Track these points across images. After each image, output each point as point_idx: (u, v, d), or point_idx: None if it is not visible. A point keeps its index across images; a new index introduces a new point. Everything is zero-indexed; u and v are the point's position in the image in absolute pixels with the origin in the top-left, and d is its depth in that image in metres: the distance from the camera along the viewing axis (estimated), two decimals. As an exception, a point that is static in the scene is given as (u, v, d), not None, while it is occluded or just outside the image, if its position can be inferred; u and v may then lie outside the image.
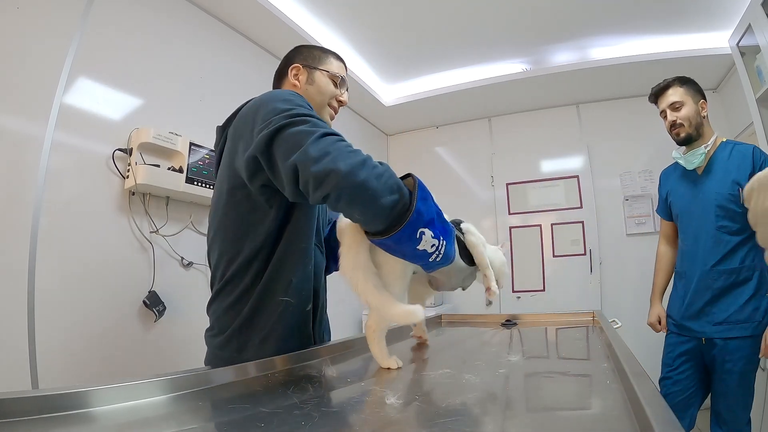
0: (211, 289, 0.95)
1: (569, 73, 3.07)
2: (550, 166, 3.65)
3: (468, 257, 0.88)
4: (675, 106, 1.67)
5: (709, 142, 1.67)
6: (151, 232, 1.81)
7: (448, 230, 0.72)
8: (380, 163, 0.71)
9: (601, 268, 3.34)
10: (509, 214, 3.67)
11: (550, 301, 3.44)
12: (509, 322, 1.40)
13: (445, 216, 0.80)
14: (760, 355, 1.52)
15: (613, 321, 1.87)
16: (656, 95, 1.75)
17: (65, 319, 1.51)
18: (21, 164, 1.46)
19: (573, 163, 3.57)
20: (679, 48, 2.80)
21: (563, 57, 3.04)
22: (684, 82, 1.70)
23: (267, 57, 2.62)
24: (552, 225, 3.53)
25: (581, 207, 3.47)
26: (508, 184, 3.70)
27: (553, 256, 3.50)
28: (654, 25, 2.66)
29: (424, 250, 0.67)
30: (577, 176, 3.52)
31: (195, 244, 2.02)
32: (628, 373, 0.56)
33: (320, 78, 1.11)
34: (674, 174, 1.84)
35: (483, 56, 3.03)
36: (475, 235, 0.89)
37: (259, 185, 0.82)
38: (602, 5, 2.47)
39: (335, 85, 1.13)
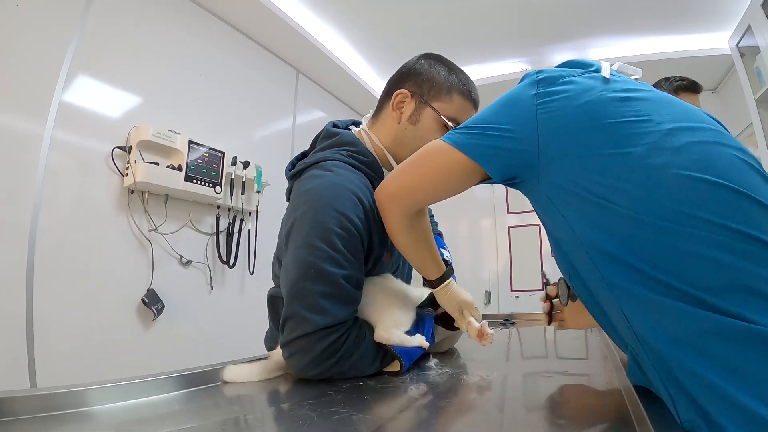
0: None
1: (569, 72, 3.07)
2: (549, 165, 3.65)
3: (445, 321, 0.88)
4: None
5: None
6: (149, 230, 1.81)
7: (429, 341, 0.78)
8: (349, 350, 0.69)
9: (599, 267, 3.34)
10: (508, 213, 3.68)
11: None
12: (508, 321, 1.40)
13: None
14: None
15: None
16: (689, 89, 1.72)
17: (63, 318, 1.51)
18: (20, 162, 1.46)
19: (572, 162, 3.57)
20: (679, 48, 2.80)
21: (563, 57, 3.03)
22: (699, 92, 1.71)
23: (267, 55, 2.62)
24: (551, 225, 3.54)
25: (580, 207, 3.47)
26: (507, 184, 3.70)
27: (552, 255, 3.50)
28: (654, 25, 2.65)
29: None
30: (576, 176, 3.52)
31: (194, 242, 2.02)
32: (626, 372, 0.56)
33: (428, 120, 0.84)
34: None
35: (483, 56, 3.02)
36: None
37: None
38: (602, 5, 2.47)
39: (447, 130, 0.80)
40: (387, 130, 0.89)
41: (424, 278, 0.82)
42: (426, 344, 0.75)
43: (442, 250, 1.11)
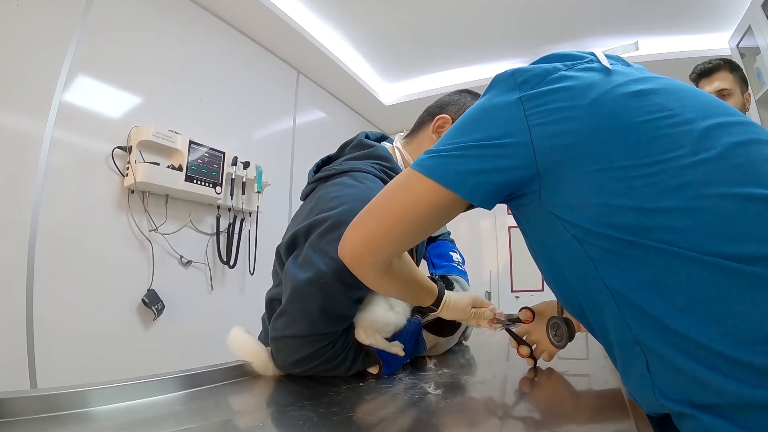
0: None
1: (569, 73, 3.07)
2: (549, 166, 3.65)
3: (435, 328, 0.88)
4: (722, 94, 1.46)
5: None
6: (150, 231, 1.81)
7: (409, 350, 0.79)
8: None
9: (599, 268, 3.34)
10: (508, 213, 3.68)
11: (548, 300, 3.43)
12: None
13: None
14: None
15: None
16: (701, 75, 1.53)
17: (64, 318, 1.51)
18: (20, 162, 1.46)
19: (572, 163, 3.57)
20: (678, 49, 2.80)
21: (563, 57, 3.04)
22: (734, 68, 1.51)
23: (267, 56, 2.62)
24: (551, 225, 3.54)
25: (580, 207, 3.47)
26: (507, 184, 3.70)
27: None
28: (654, 25, 2.65)
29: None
30: (576, 176, 3.52)
31: (194, 242, 2.02)
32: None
33: None
34: None
35: (483, 56, 3.02)
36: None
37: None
38: (602, 5, 2.47)
39: None
40: (422, 151, 0.91)
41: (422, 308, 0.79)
42: (402, 353, 0.76)
43: (452, 254, 1.10)
